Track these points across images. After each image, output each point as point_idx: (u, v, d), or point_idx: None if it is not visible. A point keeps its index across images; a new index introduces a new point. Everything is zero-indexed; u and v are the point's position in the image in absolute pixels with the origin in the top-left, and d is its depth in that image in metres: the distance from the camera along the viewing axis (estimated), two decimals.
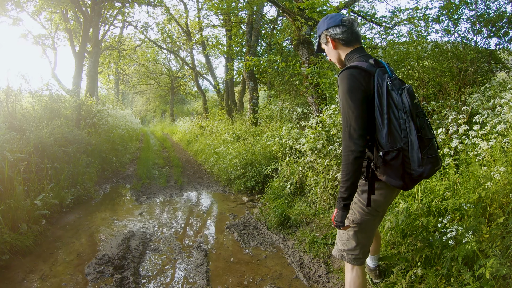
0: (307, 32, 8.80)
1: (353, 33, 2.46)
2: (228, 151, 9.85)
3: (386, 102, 2.16)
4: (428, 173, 2.15)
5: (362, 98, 2.18)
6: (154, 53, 32.60)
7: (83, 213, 6.27)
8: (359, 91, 2.18)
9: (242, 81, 18.50)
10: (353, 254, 2.58)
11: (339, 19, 2.47)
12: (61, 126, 7.77)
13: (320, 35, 2.59)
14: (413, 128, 2.12)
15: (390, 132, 2.16)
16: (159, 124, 35.99)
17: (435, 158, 2.19)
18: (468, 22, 8.32)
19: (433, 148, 2.22)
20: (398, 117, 2.15)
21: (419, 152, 2.12)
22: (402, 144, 2.15)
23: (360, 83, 2.19)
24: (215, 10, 15.26)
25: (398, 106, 2.15)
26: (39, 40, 15.36)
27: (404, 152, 2.15)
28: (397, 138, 2.16)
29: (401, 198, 4.37)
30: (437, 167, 2.21)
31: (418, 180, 2.23)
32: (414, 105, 2.16)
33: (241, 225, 5.84)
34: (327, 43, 2.56)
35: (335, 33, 2.46)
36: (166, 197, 7.70)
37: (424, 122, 2.21)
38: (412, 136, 2.13)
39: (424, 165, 2.14)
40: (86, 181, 7.42)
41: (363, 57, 2.37)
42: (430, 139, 2.22)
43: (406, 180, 2.21)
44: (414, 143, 2.13)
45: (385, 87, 2.17)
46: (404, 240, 3.96)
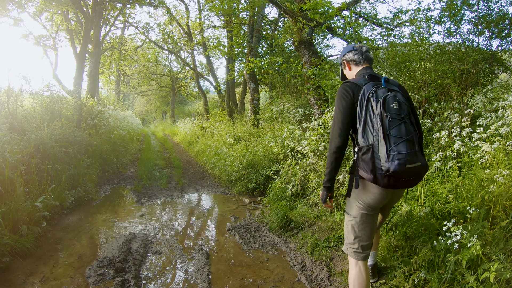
0: (308, 33, 8.77)
1: (362, 55, 2.97)
2: (230, 152, 9.83)
3: (364, 108, 2.57)
4: (396, 169, 2.38)
5: (347, 105, 2.69)
6: (155, 54, 32.59)
7: (84, 215, 6.25)
8: (346, 99, 2.70)
9: (243, 82, 18.46)
10: (352, 247, 2.85)
11: (351, 46, 3.06)
12: (62, 127, 7.76)
13: (341, 63, 3.19)
14: (381, 128, 2.45)
15: (364, 131, 2.56)
16: (160, 124, 35.97)
17: (404, 155, 2.41)
18: (470, 23, 8.32)
19: (403, 146, 2.43)
20: (372, 120, 2.52)
21: (384, 149, 2.43)
22: (373, 141, 2.50)
23: (348, 93, 2.71)
24: (216, 11, 15.26)
25: (375, 111, 2.52)
26: (40, 41, 15.34)
27: (374, 149, 2.49)
28: (369, 137, 2.52)
29: (403, 201, 4.35)
30: (409, 165, 2.41)
31: (391, 177, 2.44)
32: (389, 109, 2.49)
33: (242, 227, 5.81)
34: (345, 67, 3.13)
35: (348, 57, 3.03)
36: (167, 199, 7.68)
37: (400, 123, 2.48)
38: (380, 135, 2.45)
39: (390, 160, 2.40)
40: (87, 182, 7.40)
41: (364, 74, 2.84)
42: (402, 138, 2.45)
43: (377, 175, 2.50)
44: (381, 140, 2.45)
45: (367, 96, 2.58)
46: (407, 243, 3.94)
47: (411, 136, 2.48)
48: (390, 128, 2.45)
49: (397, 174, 2.39)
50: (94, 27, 13.70)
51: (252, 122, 12.74)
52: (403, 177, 2.43)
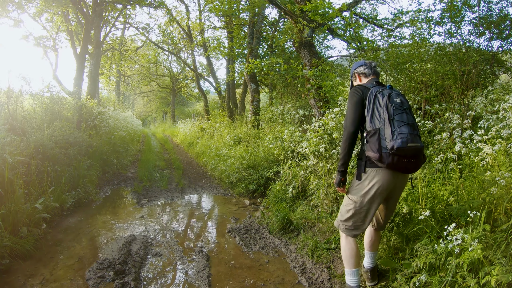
0: (309, 34, 8.75)
1: (371, 69, 3.45)
2: (230, 153, 9.81)
3: (372, 102, 3.06)
4: (399, 145, 2.79)
5: (358, 101, 3.17)
6: (156, 55, 32.59)
7: (84, 216, 6.24)
8: (357, 96, 3.19)
9: (244, 83, 18.45)
10: (346, 224, 3.30)
11: (362, 62, 3.52)
12: (62, 128, 7.74)
13: (352, 76, 3.62)
14: (386, 115, 2.94)
15: (372, 119, 3.03)
16: (160, 125, 35.95)
17: (406, 135, 2.82)
18: (471, 24, 8.31)
19: (405, 128, 2.85)
20: (378, 109, 3.01)
21: (389, 130, 2.88)
22: (380, 126, 2.96)
23: (358, 92, 3.20)
24: (217, 12, 15.27)
25: (381, 104, 3.01)
26: (40, 42, 15.31)
27: (380, 131, 2.94)
28: (376, 123, 2.99)
29: (404, 203, 4.33)
30: (411, 144, 2.81)
31: (395, 155, 2.87)
32: (393, 102, 2.97)
33: (242, 228, 5.80)
34: (355, 80, 3.55)
35: (360, 70, 3.49)
36: (168, 200, 7.67)
37: (402, 111, 2.93)
38: (386, 120, 2.93)
39: (394, 139, 2.82)
40: (87, 183, 7.38)
41: (372, 82, 3.33)
42: (404, 122, 2.88)
43: (382, 153, 2.91)
44: (386, 124, 2.91)
45: (375, 93, 3.09)
46: (408, 246, 3.92)
47: (412, 122, 2.92)
48: (394, 115, 2.91)
49: (400, 151, 2.80)
50: (95, 28, 13.70)
51: (252, 123, 12.73)
52: (406, 154, 2.86)
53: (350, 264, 3.29)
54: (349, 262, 3.29)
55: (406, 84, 7.67)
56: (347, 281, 3.35)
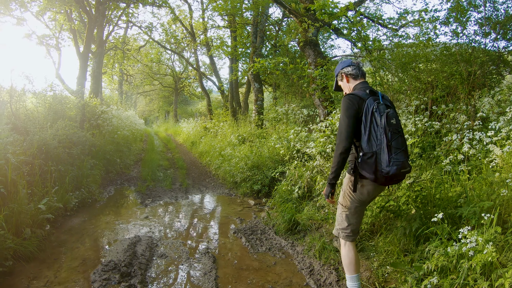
0: (313, 34, 8.69)
1: (359, 70, 3.42)
2: (234, 153, 9.73)
3: (369, 120, 3.05)
4: (394, 172, 2.95)
5: (353, 114, 3.13)
6: (158, 54, 32.53)
7: (87, 217, 6.18)
8: (352, 109, 3.13)
9: (247, 82, 18.37)
10: (345, 231, 3.45)
11: (349, 61, 3.49)
12: (65, 128, 7.67)
13: (337, 75, 3.56)
14: (384, 139, 2.99)
15: (369, 140, 3.07)
16: (163, 124, 35.89)
17: (401, 162, 2.98)
18: (477, 24, 8.25)
19: (401, 155, 3.00)
20: (376, 131, 3.03)
21: (387, 156, 2.97)
22: (377, 149, 3.03)
23: (354, 104, 3.14)
24: (220, 11, 15.19)
25: (378, 124, 3.03)
26: (43, 41, 15.21)
27: (377, 155, 3.02)
28: (373, 145, 3.04)
29: (413, 204, 4.26)
30: (403, 170, 3.00)
31: (388, 178, 3.03)
32: (390, 124, 3.01)
33: (248, 229, 5.73)
34: (342, 79, 3.51)
35: (347, 71, 3.43)
36: (172, 200, 7.60)
37: (398, 136, 3.04)
38: (383, 144, 2.99)
39: (390, 166, 2.95)
40: (91, 183, 7.31)
41: (363, 88, 3.28)
42: (400, 148, 3.02)
43: (378, 175, 3.05)
44: (384, 149, 2.98)
45: (371, 110, 3.06)
46: (418, 248, 3.86)
47: (405, 147, 3.08)
48: (392, 140, 2.99)
49: (394, 176, 3.00)
50: (98, 27, 13.64)
51: (256, 123, 12.66)
52: (397, 178, 3.10)
53: (350, 270, 3.44)
54: (349, 269, 3.44)
55: (412, 84, 7.60)
56: (349, 286, 3.49)
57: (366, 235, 4.66)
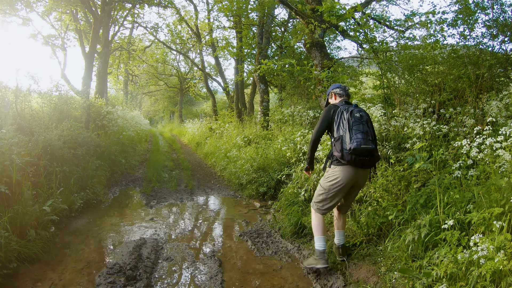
0: (320, 35, 8.64)
1: (345, 91, 4.38)
2: (240, 155, 9.67)
3: (339, 116, 4.02)
4: (355, 146, 3.76)
5: (327, 117, 4.15)
6: (164, 54, 32.54)
7: (92, 218, 6.14)
8: (327, 114, 4.17)
9: (253, 83, 18.32)
10: (317, 205, 4.24)
11: (338, 85, 4.44)
12: (70, 128, 7.64)
13: (328, 94, 4.55)
14: (347, 125, 3.90)
15: (338, 129, 4.00)
16: (168, 125, 35.91)
17: (360, 139, 3.79)
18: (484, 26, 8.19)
19: (360, 135, 3.82)
20: (343, 122, 3.97)
21: (348, 136, 3.85)
22: (343, 133, 3.92)
23: (330, 110, 4.16)
24: (226, 12, 15.16)
25: (345, 118, 3.97)
26: (49, 41, 15.22)
27: (342, 137, 3.91)
28: (340, 131, 3.96)
29: (423, 209, 4.19)
30: (363, 146, 3.78)
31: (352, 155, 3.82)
32: (353, 116, 3.93)
33: (254, 232, 5.67)
34: (331, 97, 4.48)
35: (336, 91, 4.42)
36: (177, 202, 7.56)
37: (359, 123, 3.90)
38: (346, 130, 3.90)
39: (351, 142, 3.79)
40: (96, 184, 7.27)
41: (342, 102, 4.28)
42: (360, 131, 3.84)
43: (344, 153, 3.87)
44: (347, 132, 3.88)
45: (341, 111, 4.04)
46: (426, 254, 3.79)
47: (366, 131, 3.89)
48: (353, 126, 3.87)
49: (355, 151, 3.77)
50: (103, 27, 13.64)
51: (261, 124, 12.59)
52: (361, 153, 3.80)
53: (318, 232, 4.20)
54: (317, 230, 4.21)
55: (419, 86, 7.52)
56: (316, 246, 4.19)
57: (373, 240, 4.59)
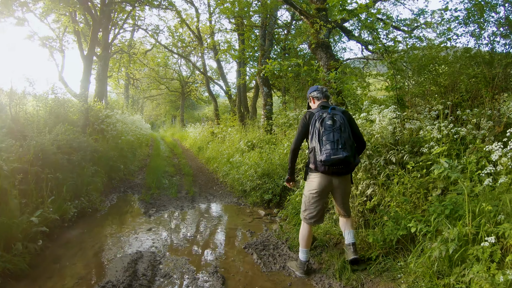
0: (325, 36, 8.33)
1: (322, 93, 4.29)
2: (244, 160, 9.26)
3: (313, 126, 3.96)
4: (325, 158, 3.77)
5: (304, 125, 4.11)
6: (165, 58, 32.29)
7: (87, 228, 5.74)
8: (304, 122, 4.12)
9: (255, 87, 17.97)
10: (303, 214, 4.28)
11: (316, 87, 4.37)
12: (65, 132, 7.26)
13: (308, 98, 4.48)
14: (317, 136, 3.88)
15: (312, 139, 3.95)
16: (170, 129, 35.65)
17: (329, 150, 3.78)
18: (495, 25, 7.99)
19: (330, 145, 3.80)
20: (315, 132, 3.91)
21: (318, 148, 3.85)
22: (315, 145, 3.90)
23: (306, 118, 4.11)
24: (228, 14, 14.85)
25: (316, 126, 3.91)
26: (46, 43, 14.88)
27: (315, 149, 3.90)
28: (313, 142, 3.92)
29: (448, 221, 3.79)
30: (334, 156, 3.76)
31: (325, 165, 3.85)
32: (324, 125, 3.89)
33: (260, 244, 5.27)
34: (310, 101, 4.43)
35: (313, 95, 4.35)
36: (177, 210, 7.15)
37: (329, 132, 3.85)
38: (317, 141, 3.88)
39: (322, 154, 3.80)
40: (91, 191, 6.86)
41: (320, 105, 4.18)
42: (330, 141, 3.81)
43: (317, 164, 3.91)
44: (317, 143, 3.88)
45: (315, 119, 3.97)
46: (453, 271, 3.40)
47: (337, 139, 3.82)
48: (323, 136, 3.85)
49: (326, 162, 3.79)
50: (103, 30, 13.32)
51: (265, 128, 12.21)
52: (332, 164, 3.80)
53: (303, 243, 4.27)
54: (303, 242, 4.27)
55: (430, 87, 7.17)
56: (300, 256, 4.30)
57: (391, 252, 4.20)
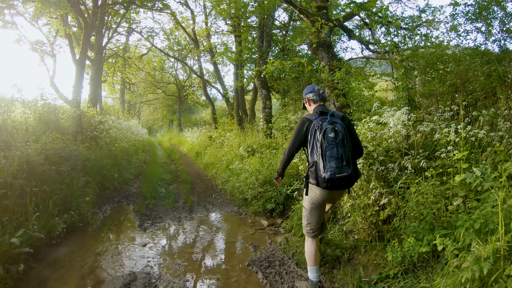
0: (327, 35, 7.96)
1: (319, 95, 3.97)
2: (244, 167, 8.80)
3: (313, 137, 3.63)
4: (329, 177, 3.42)
5: (300, 132, 3.80)
6: (161, 62, 31.91)
7: (76, 246, 5.28)
8: (300, 129, 3.80)
9: (254, 89, 17.58)
10: (306, 228, 3.95)
11: (312, 88, 4.06)
12: (54, 141, 6.80)
13: (304, 99, 4.17)
14: (320, 150, 3.52)
15: (312, 152, 3.64)
16: (167, 134, 35.26)
17: (334, 169, 3.42)
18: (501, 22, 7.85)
19: (334, 163, 3.44)
20: (316, 145, 3.57)
21: (322, 165, 3.49)
22: (316, 159, 3.56)
23: (303, 125, 3.78)
24: (224, 15, 14.49)
25: (318, 138, 3.56)
26: (36, 47, 14.42)
27: (317, 164, 3.56)
28: (314, 156, 3.59)
29: (477, 236, 3.38)
30: (338, 175, 3.42)
31: (328, 182, 3.47)
32: (326, 138, 3.53)
33: (264, 260, 4.85)
34: (306, 103, 4.14)
35: (309, 96, 4.03)
36: (174, 222, 6.71)
37: (333, 147, 3.49)
38: (319, 156, 3.52)
39: (325, 172, 3.45)
40: (82, 204, 6.37)
41: (317, 110, 3.85)
42: (334, 157, 3.46)
43: (319, 181, 3.55)
44: (320, 158, 3.51)
45: (315, 129, 3.62)
46: None
47: (341, 155, 3.49)
48: (326, 151, 3.50)
49: (330, 180, 3.45)
50: (96, 33, 12.89)
51: (264, 132, 11.79)
52: (335, 182, 3.48)
53: (311, 262, 3.92)
54: (310, 260, 3.92)
55: (439, 87, 6.82)
56: (310, 277, 3.95)
57: (410, 269, 3.78)
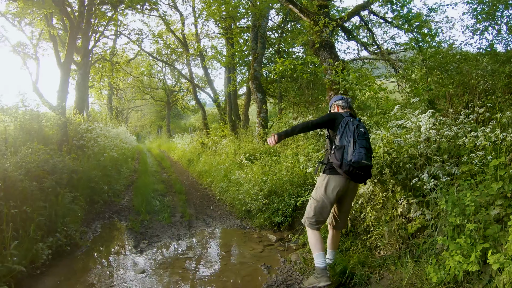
0: (329, 34, 7.52)
1: (347, 103, 4.37)
2: (247, 176, 8.13)
3: (344, 126, 3.92)
4: (356, 159, 3.68)
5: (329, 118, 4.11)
6: (149, 67, 31.30)
7: (63, 274, 4.54)
8: (330, 116, 4.13)
9: (247, 93, 17.02)
10: (310, 220, 4.02)
11: (341, 96, 4.46)
12: (36, 152, 6.08)
13: (331, 106, 4.54)
14: (352, 138, 3.82)
15: (341, 138, 3.90)
16: (156, 140, 34.62)
17: (362, 154, 3.71)
18: None
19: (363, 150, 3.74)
20: (347, 133, 3.87)
21: (351, 149, 3.76)
22: (345, 143, 3.84)
23: (334, 115, 4.14)
24: (215, 17, 13.95)
25: (350, 129, 3.88)
26: (18, 49, 13.63)
27: (345, 148, 3.82)
28: (344, 141, 3.86)
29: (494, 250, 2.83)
30: (364, 161, 3.70)
31: (351, 166, 3.71)
32: (358, 131, 3.84)
33: (282, 284, 4.24)
34: (334, 109, 4.44)
35: (338, 103, 4.40)
36: (173, 240, 6.02)
37: (363, 138, 3.82)
38: (351, 141, 3.81)
39: (353, 155, 3.72)
40: (69, 223, 5.60)
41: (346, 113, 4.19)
42: (363, 146, 3.77)
43: (343, 162, 3.77)
44: (351, 144, 3.79)
45: (347, 121, 3.96)
46: None
47: (368, 147, 3.87)
48: (358, 139, 3.81)
49: (355, 163, 3.69)
50: (82, 35, 12.21)
51: (261, 137, 11.20)
52: (359, 167, 3.71)
53: (316, 248, 3.92)
54: (315, 247, 3.93)
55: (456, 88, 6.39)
56: (316, 263, 3.88)
57: None
